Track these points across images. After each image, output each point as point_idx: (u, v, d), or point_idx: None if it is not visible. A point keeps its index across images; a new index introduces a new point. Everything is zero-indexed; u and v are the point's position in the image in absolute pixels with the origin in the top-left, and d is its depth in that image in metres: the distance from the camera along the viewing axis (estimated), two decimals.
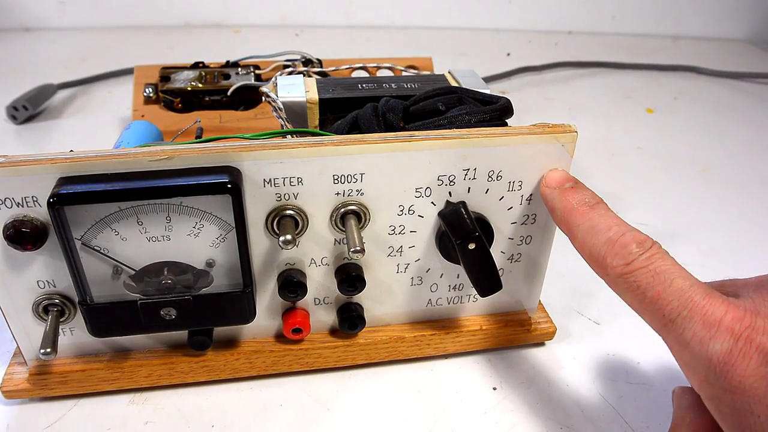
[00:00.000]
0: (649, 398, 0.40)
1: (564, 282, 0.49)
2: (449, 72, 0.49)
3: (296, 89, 0.44)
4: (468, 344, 0.42)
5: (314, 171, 0.33)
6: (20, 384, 0.37)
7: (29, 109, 0.75)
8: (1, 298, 0.34)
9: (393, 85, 0.46)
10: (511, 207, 0.37)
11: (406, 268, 0.38)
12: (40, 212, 0.32)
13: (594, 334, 0.45)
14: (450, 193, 0.36)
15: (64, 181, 0.30)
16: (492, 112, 0.38)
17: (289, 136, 0.37)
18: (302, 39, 1.14)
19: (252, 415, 0.38)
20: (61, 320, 0.35)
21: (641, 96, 0.92)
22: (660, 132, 0.80)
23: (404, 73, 0.59)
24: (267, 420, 0.37)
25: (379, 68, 0.61)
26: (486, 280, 0.36)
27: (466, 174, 0.35)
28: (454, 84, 0.47)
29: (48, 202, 0.30)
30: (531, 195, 0.37)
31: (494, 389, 0.40)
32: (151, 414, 0.38)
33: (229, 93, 0.61)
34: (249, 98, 0.63)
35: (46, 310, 0.35)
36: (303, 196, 0.34)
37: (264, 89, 0.44)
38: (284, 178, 0.33)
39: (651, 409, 0.39)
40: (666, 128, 0.82)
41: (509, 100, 0.39)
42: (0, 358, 0.41)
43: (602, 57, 1.04)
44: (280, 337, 0.40)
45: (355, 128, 0.40)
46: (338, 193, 0.34)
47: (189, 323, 0.35)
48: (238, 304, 0.35)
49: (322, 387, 0.40)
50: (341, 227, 0.35)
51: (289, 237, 0.32)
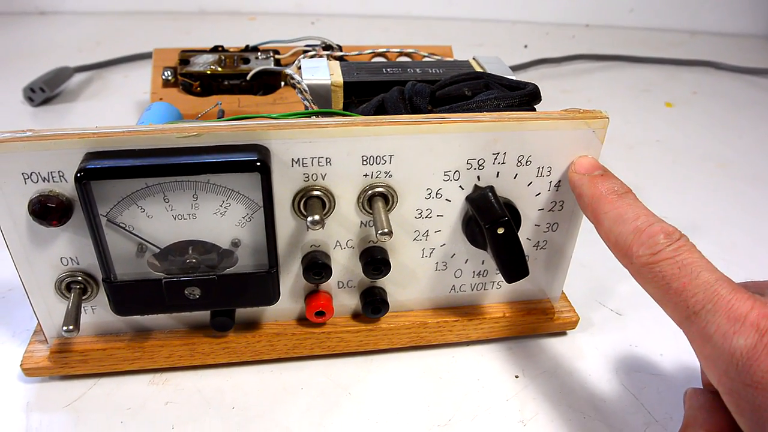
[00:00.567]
0: (672, 390, 0.39)
1: (586, 272, 0.49)
2: (474, 58, 0.48)
3: (321, 72, 0.44)
4: (490, 331, 0.41)
5: (343, 151, 0.33)
6: (41, 362, 0.37)
7: (46, 92, 0.75)
8: (24, 275, 0.34)
9: (417, 70, 0.46)
10: (539, 193, 0.37)
11: (431, 253, 0.38)
12: (66, 188, 0.31)
13: (616, 325, 0.44)
14: (478, 177, 0.35)
15: (92, 156, 0.30)
16: (521, 98, 0.38)
17: (315, 117, 0.37)
18: (318, 27, 1.13)
19: (272, 398, 0.37)
20: (84, 298, 0.35)
21: (660, 90, 0.91)
22: (678, 126, 0.80)
23: (426, 59, 0.59)
24: (288, 403, 0.37)
25: (401, 54, 0.60)
26: (513, 266, 0.35)
27: (496, 158, 0.34)
28: (479, 70, 0.46)
29: (75, 177, 0.29)
30: (559, 181, 0.36)
31: (516, 377, 0.40)
32: (171, 394, 0.37)
33: (249, 77, 0.60)
34: (268, 83, 0.62)
35: (69, 288, 0.35)
36: (331, 177, 0.33)
37: (288, 71, 0.43)
38: (313, 158, 0.33)
39: (674, 401, 0.38)
40: (684, 122, 0.81)
41: (537, 86, 0.39)
42: (20, 336, 0.41)
43: (619, 50, 1.03)
44: (302, 320, 0.39)
45: (381, 111, 0.39)
46: (366, 175, 0.34)
47: (213, 303, 0.35)
48: (263, 285, 0.35)
49: (344, 371, 0.39)
50: (368, 209, 0.35)
51: (317, 217, 0.32)
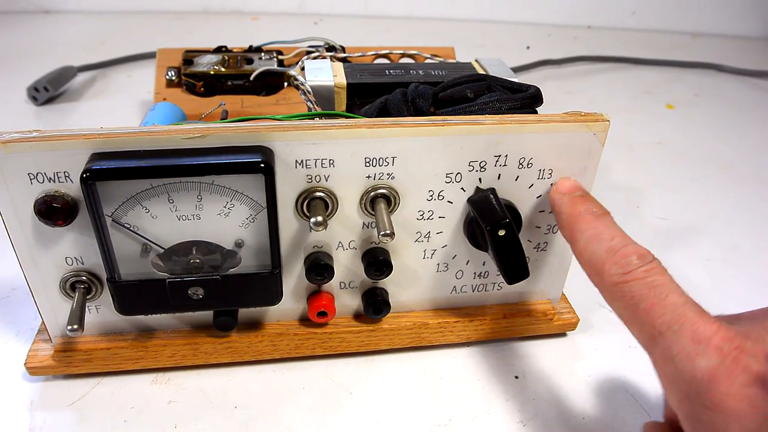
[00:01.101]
0: None
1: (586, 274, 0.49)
2: (476, 60, 0.49)
3: (324, 73, 0.44)
4: (491, 332, 0.41)
5: (346, 153, 0.33)
6: (45, 361, 0.37)
7: (50, 91, 0.75)
8: (29, 274, 0.34)
9: (420, 72, 0.46)
10: (540, 195, 0.37)
11: (433, 254, 0.38)
12: (71, 188, 0.32)
13: (616, 327, 0.43)
14: (480, 180, 0.35)
15: (97, 157, 0.30)
16: (523, 100, 0.38)
17: (318, 119, 0.37)
18: (321, 27, 1.13)
19: (274, 398, 0.38)
20: (88, 298, 0.35)
21: (662, 92, 0.91)
22: (680, 128, 0.80)
23: (429, 61, 0.59)
24: (289, 402, 0.38)
25: (404, 56, 0.61)
26: (514, 268, 0.35)
27: (497, 160, 0.35)
28: (481, 72, 0.46)
29: (81, 177, 0.30)
30: None
31: (516, 378, 0.40)
32: (174, 393, 0.38)
33: (252, 78, 0.60)
34: (271, 83, 0.63)
35: (73, 287, 0.35)
36: (334, 179, 0.34)
37: (292, 72, 0.44)
38: (316, 160, 0.33)
39: None
40: (686, 124, 0.81)
41: (539, 89, 0.39)
42: (24, 335, 0.41)
43: (621, 52, 1.03)
44: (305, 321, 0.39)
45: (384, 113, 0.39)
46: (369, 177, 0.34)
47: (216, 303, 0.35)
48: (266, 286, 0.35)
49: (345, 371, 0.40)
50: (370, 211, 0.35)
51: (321, 219, 0.32)
